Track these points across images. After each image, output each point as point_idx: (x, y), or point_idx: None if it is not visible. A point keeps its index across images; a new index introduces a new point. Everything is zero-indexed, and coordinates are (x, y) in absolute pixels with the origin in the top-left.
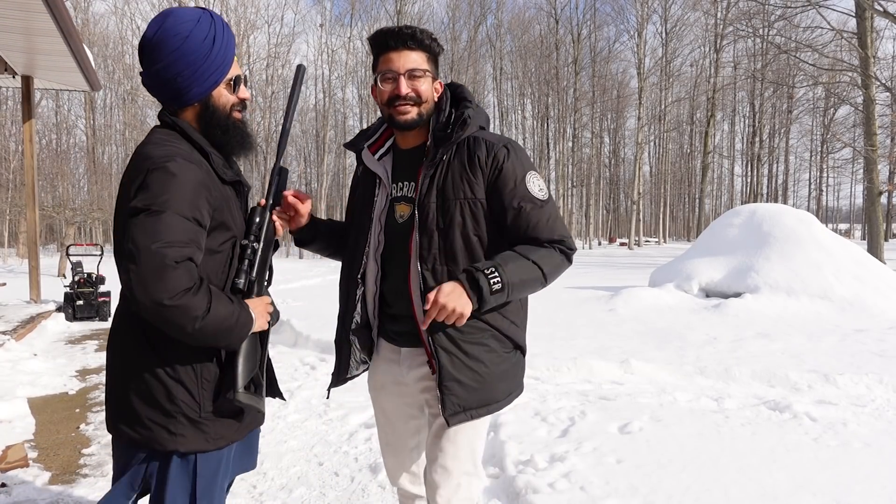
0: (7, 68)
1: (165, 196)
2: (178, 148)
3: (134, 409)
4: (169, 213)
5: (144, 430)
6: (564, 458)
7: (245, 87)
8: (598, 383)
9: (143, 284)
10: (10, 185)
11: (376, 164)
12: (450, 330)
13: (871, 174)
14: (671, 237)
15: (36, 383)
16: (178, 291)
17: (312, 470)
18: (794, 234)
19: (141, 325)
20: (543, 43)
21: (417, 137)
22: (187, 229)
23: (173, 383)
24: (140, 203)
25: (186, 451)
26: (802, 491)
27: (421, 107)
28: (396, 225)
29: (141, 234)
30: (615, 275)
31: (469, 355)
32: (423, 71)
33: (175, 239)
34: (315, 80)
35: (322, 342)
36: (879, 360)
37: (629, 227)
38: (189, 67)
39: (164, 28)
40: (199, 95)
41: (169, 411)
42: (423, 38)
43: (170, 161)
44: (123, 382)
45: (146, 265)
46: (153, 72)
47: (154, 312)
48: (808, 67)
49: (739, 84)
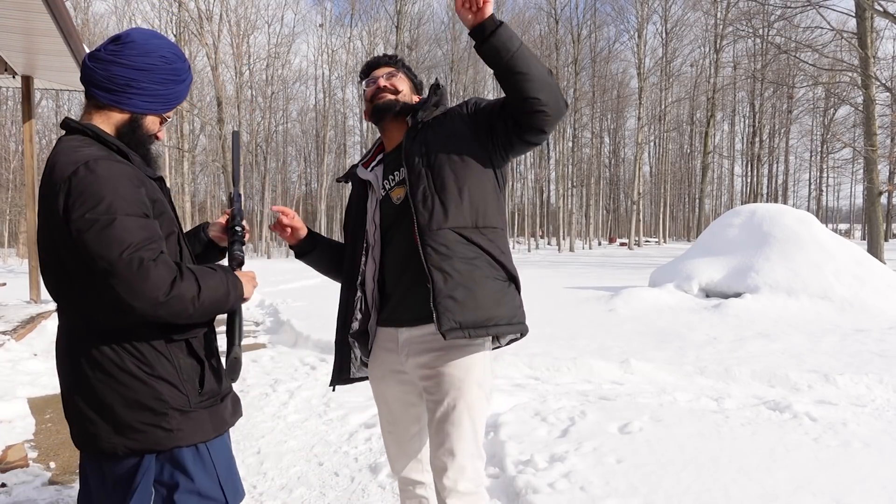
0: (7, 68)
1: (107, 200)
2: (95, 151)
3: (121, 418)
4: (120, 218)
5: (139, 434)
6: (564, 458)
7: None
8: (598, 383)
9: (131, 292)
10: (10, 185)
11: (368, 174)
12: (442, 250)
13: (871, 174)
14: (671, 237)
15: (36, 383)
16: (166, 285)
17: (312, 470)
18: (795, 235)
19: (107, 334)
20: (543, 43)
21: (399, 135)
22: (143, 226)
23: (156, 381)
24: (87, 215)
25: (191, 444)
26: (802, 491)
27: (398, 96)
28: (392, 209)
29: (105, 247)
30: (615, 275)
31: (462, 274)
32: (398, 73)
33: (139, 239)
34: (315, 80)
35: (322, 342)
36: (879, 360)
37: (629, 227)
38: (150, 83)
39: (156, 43)
40: (138, 108)
41: (157, 410)
42: (395, 57)
43: (94, 163)
44: (100, 395)
45: (126, 274)
46: (117, 62)
47: (153, 312)
48: (808, 67)
49: (739, 84)
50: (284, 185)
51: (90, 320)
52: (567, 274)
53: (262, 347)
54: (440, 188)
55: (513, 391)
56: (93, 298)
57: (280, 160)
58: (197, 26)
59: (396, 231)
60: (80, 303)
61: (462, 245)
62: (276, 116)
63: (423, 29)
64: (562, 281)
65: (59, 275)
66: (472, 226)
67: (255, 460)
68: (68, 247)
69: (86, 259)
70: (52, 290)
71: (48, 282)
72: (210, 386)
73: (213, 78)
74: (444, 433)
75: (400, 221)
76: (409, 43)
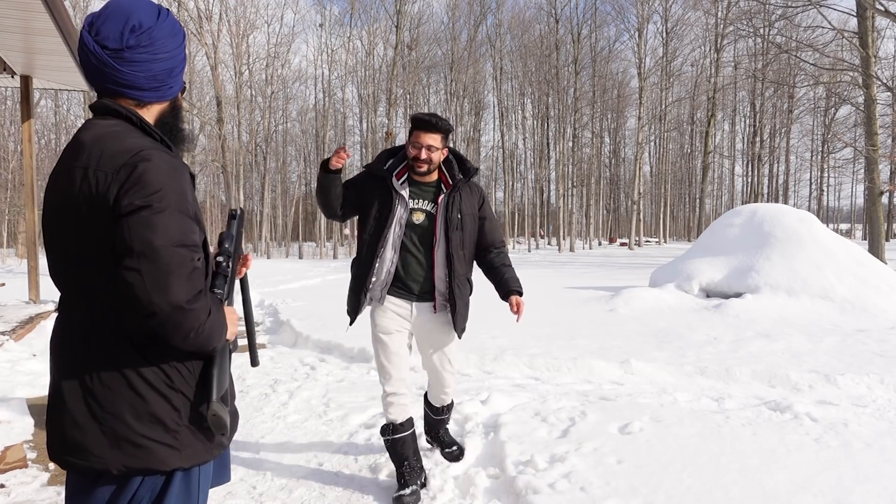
0: (6, 68)
1: (164, 191)
2: (147, 141)
3: (124, 430)
4: (171, 211)
5: (141, 451)
6: (565, 459)
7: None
8: (598, 383)
9: (158, 285)
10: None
11: (400, 187)
12: (463, 288)
13: (872, 174)
14: (671, 237)
15: (35, 384)
16: (192, 294)
17: (312, 470)
18: (795, 235)
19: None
20: (543, 43)
21: (429, 177)
22: (192, 228)
23: (173, 393)
24: (138, 201)
25: (192, 465)
26: (803, 491)
27: (430, 165)
28: (415, 226)
29: (151, 232)
30: (615, 275)
31: (465, 304)
32: (437, 147)
33: (186, 239)
34: (315, 80)
35: (322, 342)
36: (880, 361)
37: (629, 227)
38: (181, 62)
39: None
40: (177, 92)
41: (169, 425)
42: (441, 125)
43: (155, 153)
44: (105, 401)
45: (164, 265)
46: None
47: (166, 317)
48: (809, 67)
49: (740, 84)
50: (284, 184)
51: (113, 318)
52: (567, 274)
53: (261, 347)
54: (466, 246)
55: (513, 391)
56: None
57: (280, 160)
58: (196, 26)
59: (411, 244)
60: (107, 296)
61: (466, 285)
62: (276, 116)
63: (423, 29)
64: (562, 281)
65: (87, 264)
66: (468, 274)
67: (255, 460)
68: (107, 232)
69: (122, 241)
70: (71, 282)
71: (68, 273)
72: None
73: (212, 78)
74: (446, 359)
75: (417, 237)
76: (409, 42)
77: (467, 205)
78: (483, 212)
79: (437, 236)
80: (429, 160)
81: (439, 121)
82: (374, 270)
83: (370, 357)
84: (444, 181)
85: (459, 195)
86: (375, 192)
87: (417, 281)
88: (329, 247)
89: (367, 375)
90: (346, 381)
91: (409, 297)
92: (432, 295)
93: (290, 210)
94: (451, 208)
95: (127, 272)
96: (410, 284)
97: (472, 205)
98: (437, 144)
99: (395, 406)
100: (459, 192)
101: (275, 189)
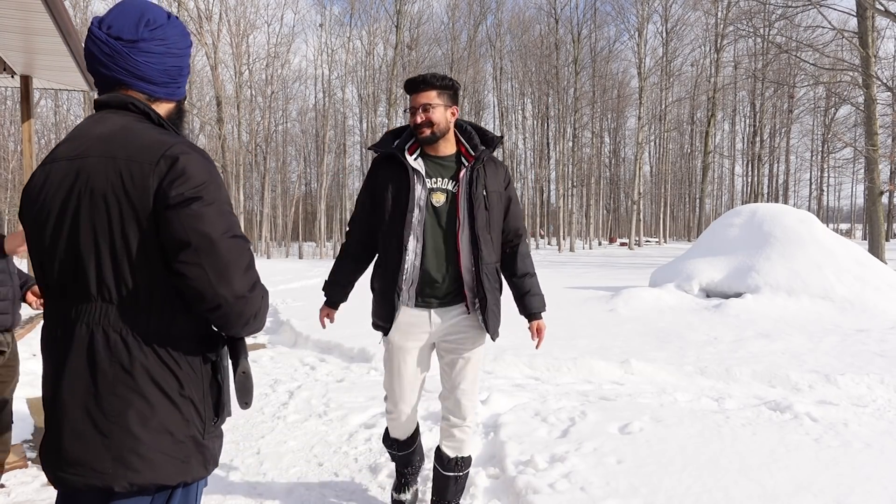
0: (6, 68)
1: (207, 184)
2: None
3: (134, 442)
4: (219, 203)
5: (147, 464)
6: (565, 459)
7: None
8: (598, 383)
9: (224, 275)
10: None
11: (415, 163)
12: (492, 279)
13: (872, 174)
14: (671, 237)
15: (35, 384)
16: (252, 281)
17: (312, 470)
18: (795, 234)
19: (148, 339)
20: (543, 43)
21: (445, 150)
22: (237, 220)
23: (183, 401)
24: (188, 193)
25: (193, 480)
26: (803, 491)
27: (433, 128)
28: (434, 209)
29: (208, 224)
30: (615, 275)
31: (496, 299)
32: (434, 104)
33: (237, 229)
34: (315, 80)
35: (322, 342)
36: (880, 361)
37: (629, 227)
38: (188, 66)
39: (178, 22)
40: (183, 92)
41: (177, 436)
42: (433, 80)
43: (193, 146)
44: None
45: (227, 255)
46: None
47: (230, 307)
48: (809, 67)
49: (740, 84)
50: (284, 184)
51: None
52: (567, 274)
53: (261, 347)
54: (494, 228)
55: (513, 391)
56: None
57: (280, 160)
58: (196, 26)
59: (431, 232)
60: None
61: (496, 276)
62: (276, 116)
63: (423, 29)
64: (562, 281)
65: (106, 262)
66: (496, 262)
67: (255, 460)
68: (142, 227)
69: (175, 235)
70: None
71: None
72: (224, 415)
73: (212, 77)
74: (462, 377)
75: (438, 223)
76: (409, 42)
77: (493, 181)
78: (509, 191)
79: (461, 219)
80: (429, 121)
81: (429, 76)
82: (404, 265)
83: (370, 357)
84: (464, 154)
85: (484, 169)
86: (388, 174)
87: (438, 280)
88: (329, 247)
89: (367, 375)
90: (346, 381)
91: (426, 303)
92: (460, 295)
93: (290, 210)
94: (476, 184)
95: (188, 267)
96: (429, 287)
97: (497, 182)
98: (433, 101)
99: (397, 424)
100: (484, 165)
101: (275, 189)
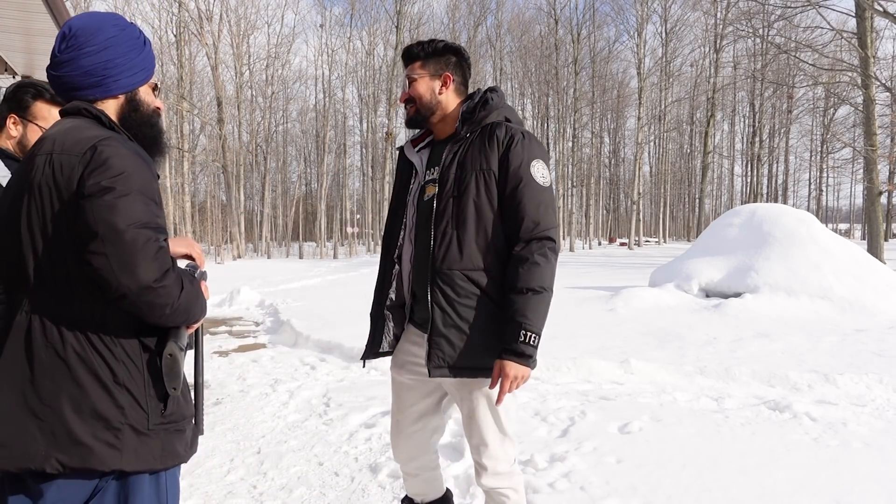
0: (7, 68)
1: (127, 174)
2: (111, 132)
3: (64, 427)
4: (135, 194)
5: (79, 448)
6: (564, 458)
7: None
8: (598, 383)
9: (125, 267)
10: None
11: (414, 155)
12: (448, 291)
13: (870, 174)
14: (671, 237)
15: None
16: (161, 272)
17: (312, 470)
18: (794, 234)
19: (78, 324)
20: (543, 43)
21: (451, 128)
22: (155, 211)
23: (118, 389)
24: (104, 182)
25: (137, 471)
26: (802, 491)
27: (417, 104)
28: (423, 204)
29: (115, 215)
30: (615, 275)
31: (461, 317)
32: (417, 76)
33: (150, 220)
34: (315, 80)
35: (322, 342)
36: (879, 360)
37: (629, 227)
38: (123, 56)
39: (100, 18)
40: (127, 87)
41: (112, 422)
42: (413, 50)
43: (118, 139)
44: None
45: (129, 247)
46: (81, 55)
47: (136, 297)
48: (808, 67)
49: (739, 84)
50: (284, 184)
51: (64, 304)
52: (567, 274)
53: (262, 347)
54: (460, 224)
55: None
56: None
57: (280, 160)
58: (197, 26)
59: (426, 228)
60: (58, 281)
61: (468, 286)
62: (276, 116)
63: (423, 29)
64: (562, 281)
65: (40, 251)
66: (479, 268)
67: (255, 460)
68: (67, 216)
69: (86, 224)
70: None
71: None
72: (174, 409)
73: (213, 78)
74: (474, 427)
75: (429, 220)
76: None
77: (478, 158)
78: (517, 172)
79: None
80: (413, 98)
81: (413, 45)
82: (394, 274)
83: None
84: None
85: (469, 141)
86: (398, 171)
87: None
88: (329, 247)
89: (367, 375)
90: (347, 380)
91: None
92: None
93: (291, 210)
94: (452, 164)
95: (93, 256)
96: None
97: (486, 158)
98: (415, 72)
99: (406, 478)
100: (473, 140)
101: (275, 189)
